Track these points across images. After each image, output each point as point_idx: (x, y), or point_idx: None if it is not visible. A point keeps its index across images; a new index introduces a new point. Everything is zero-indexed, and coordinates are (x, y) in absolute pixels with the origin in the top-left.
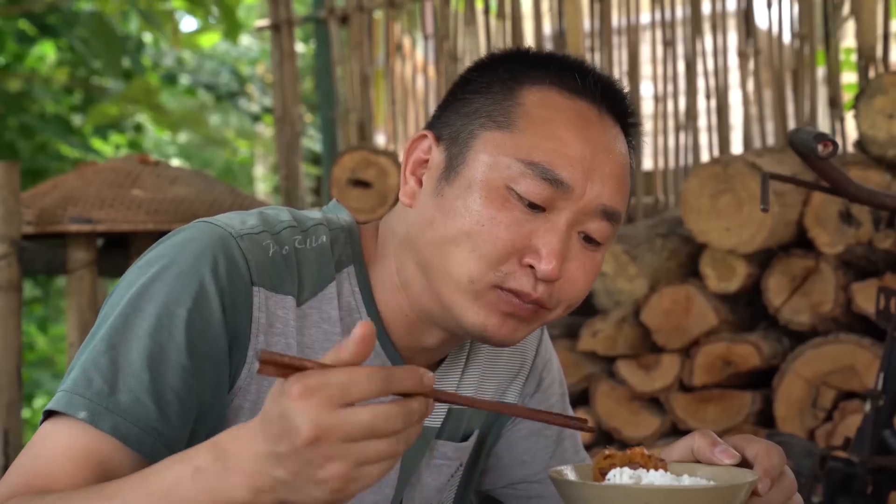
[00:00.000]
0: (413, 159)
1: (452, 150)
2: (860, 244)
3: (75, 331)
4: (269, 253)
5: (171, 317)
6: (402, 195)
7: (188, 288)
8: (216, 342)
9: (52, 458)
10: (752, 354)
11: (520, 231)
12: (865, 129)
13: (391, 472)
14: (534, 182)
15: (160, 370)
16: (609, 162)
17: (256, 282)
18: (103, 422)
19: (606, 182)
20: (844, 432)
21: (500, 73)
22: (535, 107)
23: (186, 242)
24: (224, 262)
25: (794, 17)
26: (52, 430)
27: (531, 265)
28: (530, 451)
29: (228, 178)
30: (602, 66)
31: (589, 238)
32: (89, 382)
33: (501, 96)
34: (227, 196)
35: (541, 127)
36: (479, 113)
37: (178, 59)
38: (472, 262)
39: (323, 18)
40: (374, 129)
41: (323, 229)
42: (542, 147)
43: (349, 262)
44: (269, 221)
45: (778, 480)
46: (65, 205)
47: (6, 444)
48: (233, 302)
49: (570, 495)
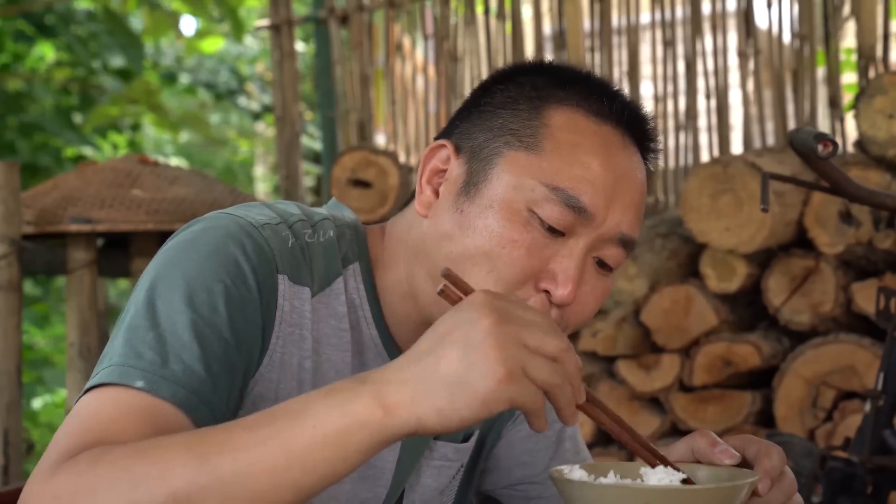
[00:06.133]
0: (430, 168)
1: (474, 164)
2: (860, 244)
3: (75, 331)
4: (289, 244)
5: (210, 292)
6: (418, 204)
7: (224, 265)
8: (254, 320)
9: (112, 419)
10: (752, 354)
11: (539, 255)
12: (865, 129)
13: (385, 471)
14: (557, 207)
15: (208, 342)
16: (630, 190)
17: (281, 269)
18: (162, 389)
19: (626, 211)
20: (844, 432)
21: (526, 88)
22: (561, 129)
23: (210, 228)
24: (252, 244)
25: (794, 17)
26: (104, 397)
27: (546, 290)
28: (530, 452)
29: (228, 178)
30: (602, 66)
31: (602, 263)
32: (140, 355)
33: (527, 115)
34: (227, 196)
35: (566, 151)
36: (505, 130)
37: (178, 57)
38: (489, 283)
39: (323, 18)
40: (374, 129)
41: (329, 224)
42: (567, 172)
43: (354, 259)
44: (283, 213)
45: (778, 480)
46: (65, 205)
47: (6, 444)
48: (266, 283)
49: (570, 495)
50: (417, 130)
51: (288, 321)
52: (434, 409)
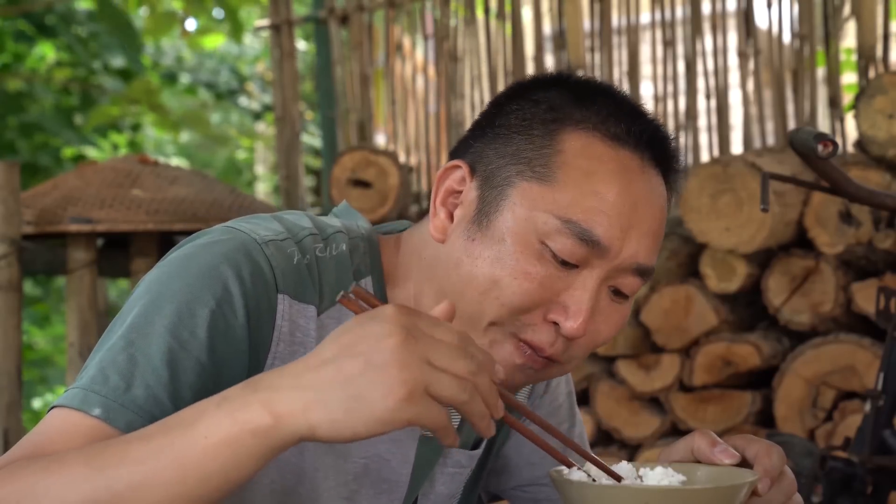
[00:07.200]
0: (445, 188)
1: (486, 191)
2: (860, 244)
3: (75, 331)
4: (294, 260)
5: (193, 316)
6: (433, 228)
7: (211, 288)
8: (237, 346)
9: (60, 444)
10: (752, 354)
11: (551, 288)
12: (865, 129)
13: (399, 484)
14: (569, 241)
15: (179, 368)
16: (648, 217)
17: (282, 289)
18: (118, 419)
19: (643, 239)
20: (844, 432)
21: (542, 108)
22: (576, 156)
23: (209, 245)
24: (249, 266)
25: (794, 17)
26: (59, 421)
27: (555, 322)
28: (539, 453)
29: (229, 177)
30: (602, 66)
31: (618, 291)
32: (106, 379)
33: (541, 141)
34: (227, 196)
35: (581, 181)
36: (518, 157)
37: (178, 57)
38: (495, 309)
39: (323, 18)
40: (374, 129)
41: (342, 237)
42: (581, 204)
43: (367, 272)
44: (292, 228)
45: (778, 480)
46: (65, 205)
47: (6, 444)
48: (257, 307)
49: (570, 495)
50: (417, 130)
51: (287, 340)
52: (328, 420)
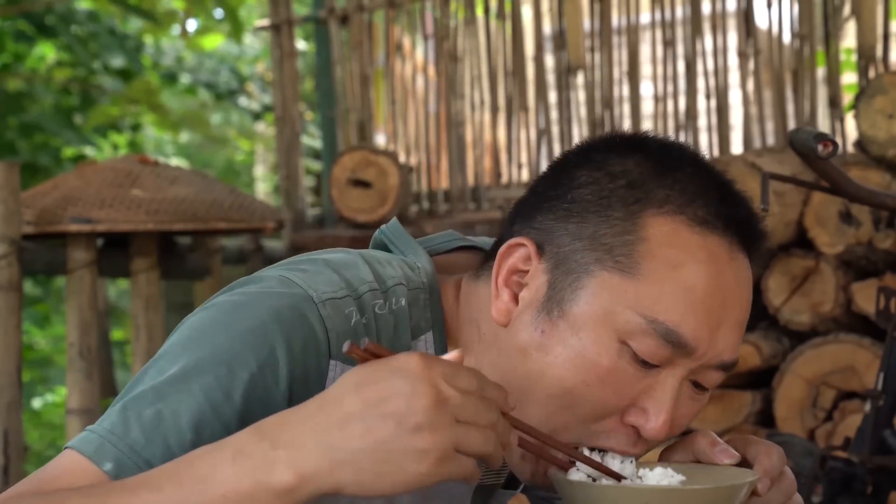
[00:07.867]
0: (508, 267)
1: (558, 276)
2: (860, 244)
3: (75, 331)
4: (351, 322)
5: (233, 377)
6: (495, 311)
7: (256, 349)
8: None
9: (66, 477)
10: (752, 354)
11: (629, 392)
12: (865, 129)
13: None
14: (654, 342)
15: (205, 433)
16: (736, 310)
17: (334, 354)
18: (128, 476)
19: (731, 334)
20: (844, 432)
21: (619, 183)
22: (660, 245)
23: (262, 296)
24: (301, 329)
25: (794, 17)
26: (71, 465)
27: (634, 425)
28: None
29: (229, 177)
30: (602, 66)
31: (698, 384)
32: (127, 431)
33: (622, 226)
34: (227, 196)
35: (668, 274)
36: (596, 242)
37: (178, 57)
38: (563, 418)
39: (323, 18)
40: (374, 129)
41: (402, 290)
42: (668, 303)
43: (427, 328)
44: (351, 282)
45: (778, 480)
46: (65, 205)
47: (6, 444)
48: (304, 375)
49: (570, 495)
50: (417, 130)
51: None
52: (355, 481)
